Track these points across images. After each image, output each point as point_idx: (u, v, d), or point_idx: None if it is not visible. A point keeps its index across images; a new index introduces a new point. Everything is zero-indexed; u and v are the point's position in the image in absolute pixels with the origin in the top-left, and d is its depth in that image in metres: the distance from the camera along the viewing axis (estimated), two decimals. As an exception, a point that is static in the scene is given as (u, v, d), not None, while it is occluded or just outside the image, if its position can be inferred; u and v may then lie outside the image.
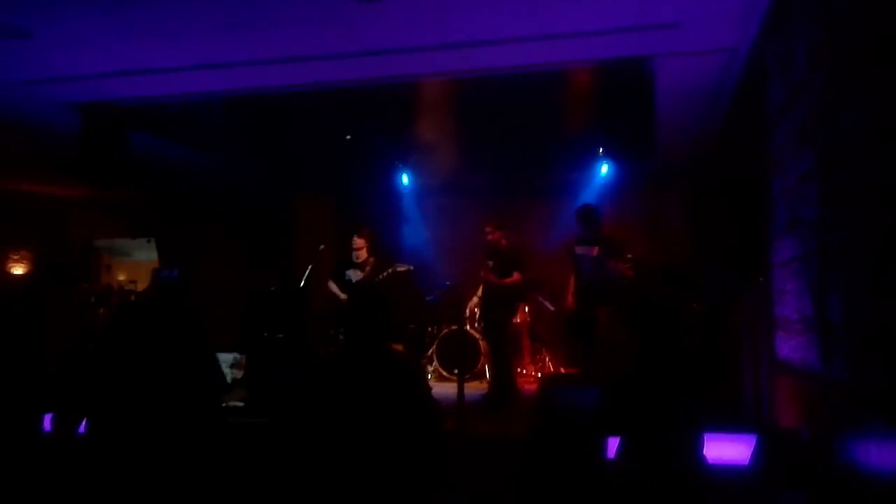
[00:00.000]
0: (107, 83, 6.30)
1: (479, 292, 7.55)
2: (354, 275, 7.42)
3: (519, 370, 8.62)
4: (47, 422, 3.85)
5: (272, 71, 6.00)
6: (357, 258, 7.46)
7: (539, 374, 8.58)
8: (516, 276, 6.93)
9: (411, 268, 7.48)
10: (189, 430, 3.36)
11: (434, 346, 8.64)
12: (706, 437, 3.31)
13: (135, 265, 12.27)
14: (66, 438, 3.44)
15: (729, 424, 4.14)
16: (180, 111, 7.17)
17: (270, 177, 10.58)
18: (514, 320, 8.46)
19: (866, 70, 2.76)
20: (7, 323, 4.19)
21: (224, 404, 6.40)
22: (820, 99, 3.39)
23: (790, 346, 3.94)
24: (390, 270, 7.31)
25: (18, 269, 11.24)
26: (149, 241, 12.05)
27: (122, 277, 12.21)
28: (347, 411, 2.87)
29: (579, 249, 6.96)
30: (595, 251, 6.86)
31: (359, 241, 7.49)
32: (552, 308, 8.58)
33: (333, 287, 7.45)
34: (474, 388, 7.55)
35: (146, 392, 3.25)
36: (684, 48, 5.35)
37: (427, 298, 8.93)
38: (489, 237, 7.07)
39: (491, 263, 7.05)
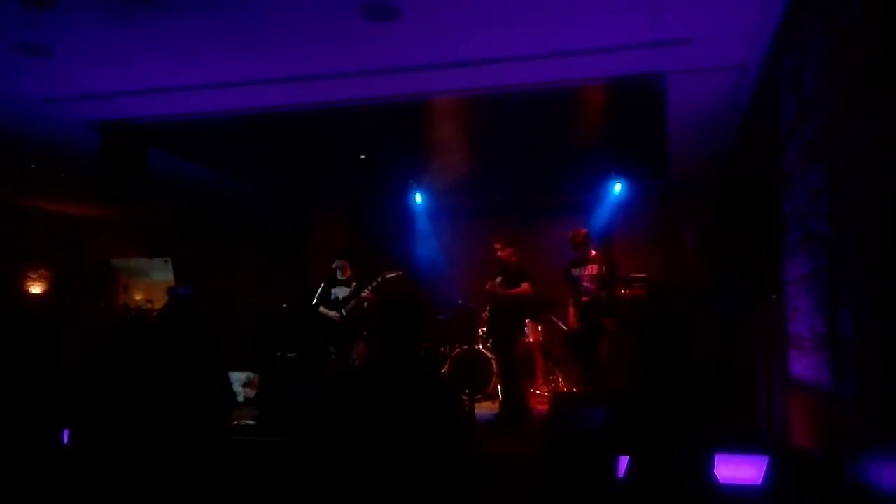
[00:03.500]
0: (127, 101, 6.41)
1: (487, 309, 7.59)
2: (341, 292, 7.55)
3: (532, 390, 8.56)
4: (65, 436, 3.86)
5: (289, 90, 6.08)
6: (341, 276, 7.62)
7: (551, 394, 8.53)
8: (525, 286, 6.94)
9: (401, 273, 7.54)
10: (196, 445, 3.36)
11: (446, 366, 8.60)
12: (718, 456, 3.27)
13: (152, 285, 12.35)
14: (82, 452, 3.44)
15: (741, 444, 4.08)
16: (198, 130, 7.26)
17: (286, 195, 10.68)
18: (527, 339, 8.43)
19: (875, 84, 2.75)
20: (26, 340, 4.23)
21: (235, 422, 6.42)
22: (830, 114, 3.38)
23: (803, 364, 3.89)
24: (380, 279, 7.38)
25: (37, 288, 11.36)
26: (166, 262, 12.14)
27: (138, 297, 12.30)
28: (374, 427, 2.74)
29: (574, 271, 7.13)
30: (588, 270, 7.03)
31: (340, 263, 7.75)
32: (565, 328, 8.55)
33: (323, 309, 7.57)
34: (486, 409, 7.52)
35: (154, 407, 3.26)
36: (695, 65, 5.37)
37: (439, 317, 8.92)
38: (499, 254, 7.11)
39: (499, 280, 7.09)
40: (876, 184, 2.74)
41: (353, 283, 7.56)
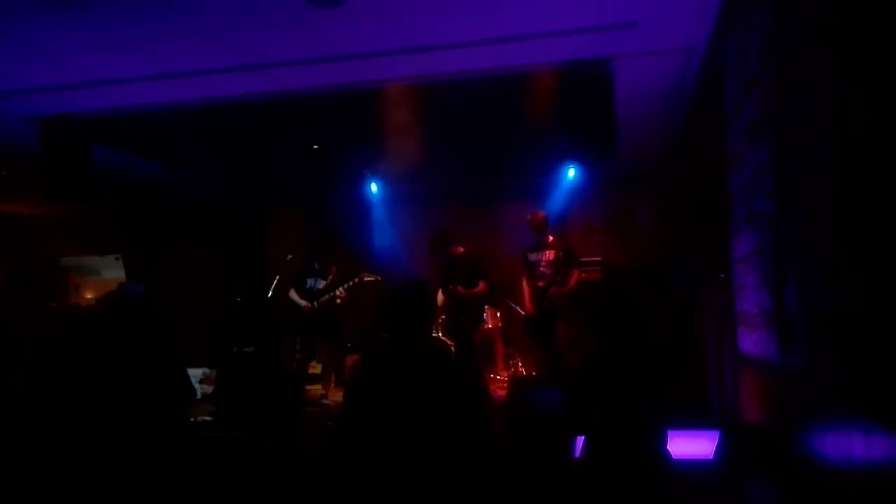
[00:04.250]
0: (67, 95, 6.22)
1: (439, 299, 7.59)
2: (316, 283, 7.47)
3: (492, 375, 8.60)
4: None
5: (236, 79, 5.96)
6: (318, 266, 7.54)
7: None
8: (482, 285, 6.98)
9: (379, 278, 7.51)
10: (154, 442, 3.30)
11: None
12: (671, 432, 3.32)
13: (103, 283, 12.06)
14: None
15: (694, 420, 4.15)
16: (145, 123, 7.09)
17: (240, 188, 10.52)
18: (486, 326, 8.46)
19: (813, 59, 2.79)
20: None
21: (192, 419, 6.34)
22: (771, 91, 3.42)
23: (751, 340, 3.96)
24: (357, 280, 7.33)
25: (-17, 290, 11.01)
26: (117, 259, 11.88)
27: (90, 296, 12.01)
28: (394, 408, 2.72)
29: (531, 256, 7.17)
30: (545, 255, 7.08)
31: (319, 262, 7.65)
32: (523, 313, 8.61)
33: (294, 295, 7.48)
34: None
35: (110, 405, 3.19)
36: (642, 48, 5.40)
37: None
38: (447, 252, 7.15)
39: (455, 271, 7.11)
40: (818, 159, 2.78)
41: (330, 276, 7.48)
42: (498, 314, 8.99)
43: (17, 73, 5.70)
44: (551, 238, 7.18)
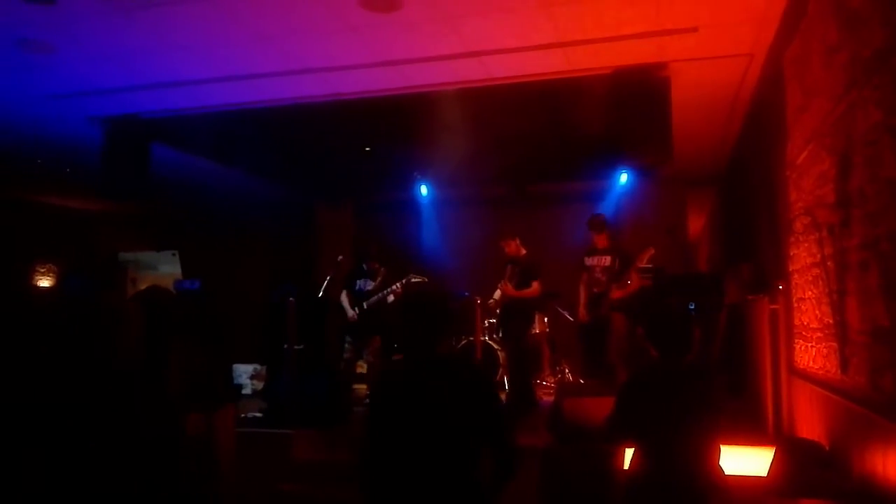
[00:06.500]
0: (130, 96, 6.41)
1: (496, 296, 7.53)
2: (365, 284, 7.50)
3: (539, 381, 8.54)
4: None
5: (293, 83, 6.06)
6: (367, 266, 7.57)
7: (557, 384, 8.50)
8: (535, 286, 6.87)
9: (426, 279, 7.48)
10: (184, 441, 3.32)
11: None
12: (724, 448, 3.24)
13: (160, 278, 12.38)
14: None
15: (747, 435, 4.05)
16: (203, 124, 7.24)
17: (292, 189, 10.68)
18: (534, 331, 8.40)
19: (880, 69, 2.71)
20: (37, 334, 4.18)
21: (243, 415, 6.45)
22: (835, 100, 3.33)
23: (809, 355, 3.86)
24: (404, 281, 7.32)
25: (45, 282, 11.40)
26: (173, 255, 12.17)
27: (145, 290, 12.29)
28: (411, 423, 2.72)
29: (589, 260, 6.94)
30: (606, 260, 6.83)
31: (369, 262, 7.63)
32: (571, 319, 8.52)
33: (344, 299, 7.52)
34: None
35: (152, 399, 3.23)
36: (701, 54, 5.31)
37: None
38: (507, 251, 7.06)
39: (510, 269, 7.02)
40: (883, 170, 2.70)
41: (378, 278, 7.49)
42: (545, 319, 8.93)
43: (85, 75, 5.89)
44: (609, 243, 6.94)
